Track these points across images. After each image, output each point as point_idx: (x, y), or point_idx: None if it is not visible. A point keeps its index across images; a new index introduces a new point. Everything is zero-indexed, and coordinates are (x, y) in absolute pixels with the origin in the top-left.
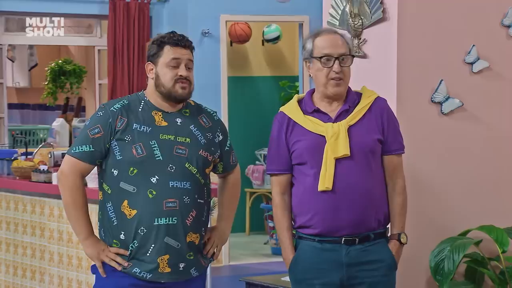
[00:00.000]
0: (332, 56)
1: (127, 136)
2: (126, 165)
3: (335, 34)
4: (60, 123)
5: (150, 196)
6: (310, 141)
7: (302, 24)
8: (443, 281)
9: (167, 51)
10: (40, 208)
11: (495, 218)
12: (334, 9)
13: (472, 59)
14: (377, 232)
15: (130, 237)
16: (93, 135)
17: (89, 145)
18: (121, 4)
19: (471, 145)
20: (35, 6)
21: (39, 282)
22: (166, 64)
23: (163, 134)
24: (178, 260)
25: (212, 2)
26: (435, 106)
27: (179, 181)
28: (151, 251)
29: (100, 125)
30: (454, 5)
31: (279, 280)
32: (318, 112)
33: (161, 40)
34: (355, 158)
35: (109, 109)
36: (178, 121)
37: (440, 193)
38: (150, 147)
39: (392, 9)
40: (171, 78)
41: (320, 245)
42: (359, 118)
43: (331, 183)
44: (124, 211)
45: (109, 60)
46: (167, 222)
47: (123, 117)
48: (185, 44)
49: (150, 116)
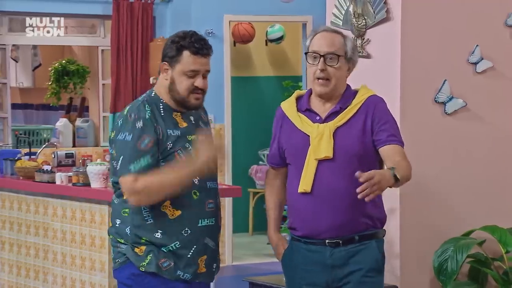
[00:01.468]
0: (318, 54)
1: (168, 143)
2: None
3: (332, 33)
4: (63, 123)
5: (195, 197)
6: (297, 140)
7: (305, 24)
8: (447, 281)
9: (186, 58)
10: (44, 208)
11: (499, 219)
12: (337, 9)
13: (475, 59)
14: (364, 234)
15: (170, 238)
16: (146, 146)
17: (146, 158)
18: (124, 4)
19: (475, 145)
20: (38, 6)
21: (43, 282)
22: (183, 72)
23: (189, 135)
24: (212, 260)
25: (215, 2)
26: (438, 106)
27: (212, 181)
28: (192, 252)
29: (148, 135)
30: (457, 5)
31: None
32: (310, 111)
33: (181, 43)
34: (338, 161)
35: (145, 117)
36: (192, 120)
37: (444, 193)
38: (188, 150)
39: (396, 9)
40: (187, 88)
41: (306, 246)
42: (347, 120)
43: (309, 186)
44: (166, 211)
45: (112, 60)
46: (208, 223)
47: (157, 125)
48: (206, 52)
49: (172, 119)
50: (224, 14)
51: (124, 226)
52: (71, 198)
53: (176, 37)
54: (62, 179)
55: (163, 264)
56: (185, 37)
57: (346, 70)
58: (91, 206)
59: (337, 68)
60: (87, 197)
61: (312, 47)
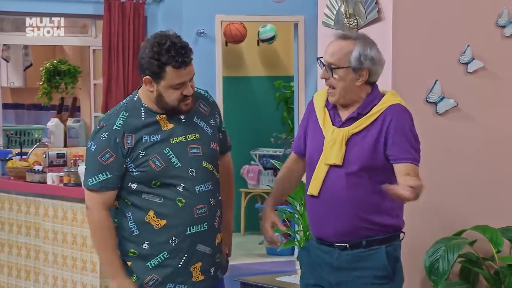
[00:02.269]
0: (322, 63)
1: (140, 151)
2: (146, 180)
3: (342, 40)
4: (55, 123)
5: (180, 204)
6: (316, 140)
7: (297, 24)
8: (438, 281)
9: (170, 74)
10: (35, 208)
11: (490, 218)
12: (329, 9)
13: (467, 59)
14: (372, 239)
15: (157, 248)
16: (106, 161)
17: (105, 173)
18: (116, 4)
19: (466, 145)
20: (29, 6)
21: (34, 283)
22: (170, 86)
23: (174, 138)
24: (210, 265)
25: (207, 2)
26: (430, 106)
27: (202, 183)
28: (183, 261)
29: (109, 149)
30: (449, 5)
31: (274, 280)
32: (335, 110)
33: (162, 61)
34: (348, 168)
35: (112, 128)
36: (182, 118)
37: (435, 193)
38: (166, 156)
39: (387, 9)
40: (176, 99)
41: (319, 246)
42: (363, 128)
43: (317, 190)
44: (150, 222)
45: (104, 60)
46: (199, 229)
47: (129, 134)
48: (188, 61)
49: (155, 122)
50: (216, 14)
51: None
52: (63, 198)
53: (154, 53)
54: (54, 179)
55: (149, 283)
56: (163, 51)
57: (354, 79)
58: (82, 206)
59: (337, 78)
60: (78, 197)
61: (323, 53)
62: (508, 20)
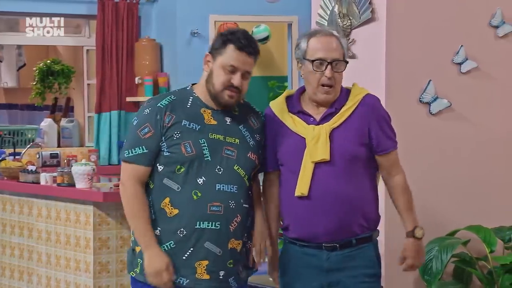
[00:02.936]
0: (325, 61)
1: (176, 132)
2: (173, 163)
3: (331, 36)
4: (48, 123)
5: (195, 197)
6: (290, 142)
7: (291, 24)
8: (431, 281)
9: (229, 52)
10: (28, 209)
11: (483, 218)
12: (323, 10)
13: (460, 60)
14: (361, 237)
15: (166, 236)
16: (144, 135)
17: (142, 147)
18: (109, 4)
19: (459, 145)
20: (22, 6)
21: (27, 283)
22: (223, 66)
23: (213, 133)
24: (218, 267)
25: (201, 2)
26: (423, 106)
27: (226, 184)
28: (188, 255)
29: (149, 124)
30: (442, 5)
31: (268, 280)
32: (303, 113)
33: (228, 36)
34: (335, 163)
35: (156, 105)
36: (228, 120)
37: (428, 193)
38: (200, 146)
39: (381, 10)
40: (222, 83)
41: (301, 249)
42: (343, 121)
43: (307, 189)
44: (165, 209)
45: (97, 60)
46: (210, 226)
47: (171, 113)
48: (251, 51)
49: (199, 113)
50: (210, 14)
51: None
52: (56, 198)
53: (226, 31)
54: (47, 180)
55: None
56: (235, 32)
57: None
58: (76, 206)
59: (340, 74)
60: (72, 197)
61: (317, 53)
62: (501, 20)
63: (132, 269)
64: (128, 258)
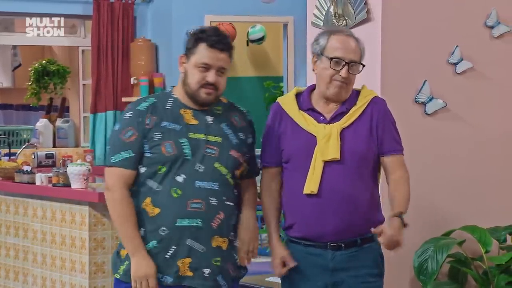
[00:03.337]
0: (343, 60)
1: (156, 133)
2: (154, 163)
3: (351, 37)
4: (43, 123)
5: (175, 195)
6: (300, 139)
7: (286, 24)
8: (427, 281)
9: (201, 50)
10: (24, 209)
11: (478, 219)
12: (318, 10)
13: (455, 60)
14: (365, 237)
15: (149, 236)
16: (129, 139)
17: (128, 150)
18: (105, 4)
19: (455, 145)
20: (18, 6)
21: (23, 283)
22: (196, 64)
23: (194, 133)
24: (202, 265)
25: (196, 3)
26: (419, 106)
27: (207, 181)
28: (171, 253)
29: (132, 127)
30: (438, 6)
31: (263, 280)
32: (313, 111)
33: (198, 35)
34: (345, 163)
35: (136, 108)
36: (209, 119)
37: (424, 193)
38: (180, 146)
39: (376, 10)
40: (197, 82)
41: (306, 249)
42: (353, 121)
43: (316, 187)
44: (146, 209)
45: (93, 61)
46: (191, 224)
47: (151, 115)
48: (222, 47)
49: (179, 114)
50: (205, 15)
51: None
52: (51, 199)
53: (197, 29)
54: (42, 180)
55: None
56: (205, 30)
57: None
58: (71, 207)
59: (355, 75)
60: (67, 197)
61: (336, 52)
62: (496, 20)
63: (116, 270)
64: (113, 259)
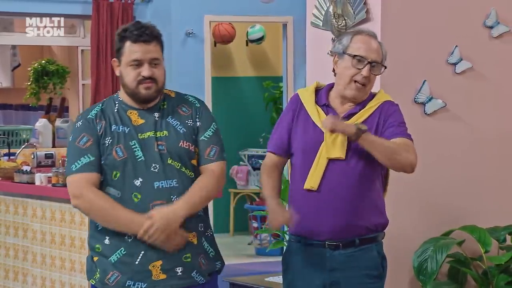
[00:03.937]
0: (366, 59)
1: (107, 139)
2: (109, 169)
3: (374, 38)
4: (43, 123)
5: (136, 200)
6: (311, 133)
7: (286, 24)
8: (426, 281)
9: (128, 48)
10: (23, 209)
11: (478, 218)
12: (317, 10)
13: (455, 60)
14: (364, 237)
15: (116, 244)
16: (85, 145)
17: (87, 155)
18: (104, 4)
19: (454, 145)
20: (17, 6)
21: (22, 283)
22: (127, 63)
23: (142, 133)
24: (173, 264)
25: (196, 3)
26: (418, 106)
27: (164, 180)
28: (140, 259)
29: (86, 133)
30: (437, 6)
31: (263, 280)
32: (328, 107)
33: (122, 34)
34: (350, 162)
35: (86, 117)
36: (156, 116)
37: (423, 193)
38: (131, 148)
39: (376, 10)
40: (133, 79)
41: (304, 248)
42: (361, 122)
43: (317, 183)
44: None
45: (92, 60)
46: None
47: (101, 121)
48: (147, 38)
49: (126, 116)
50: (205, 15)
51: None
52: (51, 198)
53: (120, 28)
54: (42, 180)
55: (110, 279)
56: (127, 28)
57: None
58: (70, 207)
59: (375, 76)
60: (67, 197)
61: (359, 51)
62: (495, 20)
63: (92, 276)
64: (87, 265)
